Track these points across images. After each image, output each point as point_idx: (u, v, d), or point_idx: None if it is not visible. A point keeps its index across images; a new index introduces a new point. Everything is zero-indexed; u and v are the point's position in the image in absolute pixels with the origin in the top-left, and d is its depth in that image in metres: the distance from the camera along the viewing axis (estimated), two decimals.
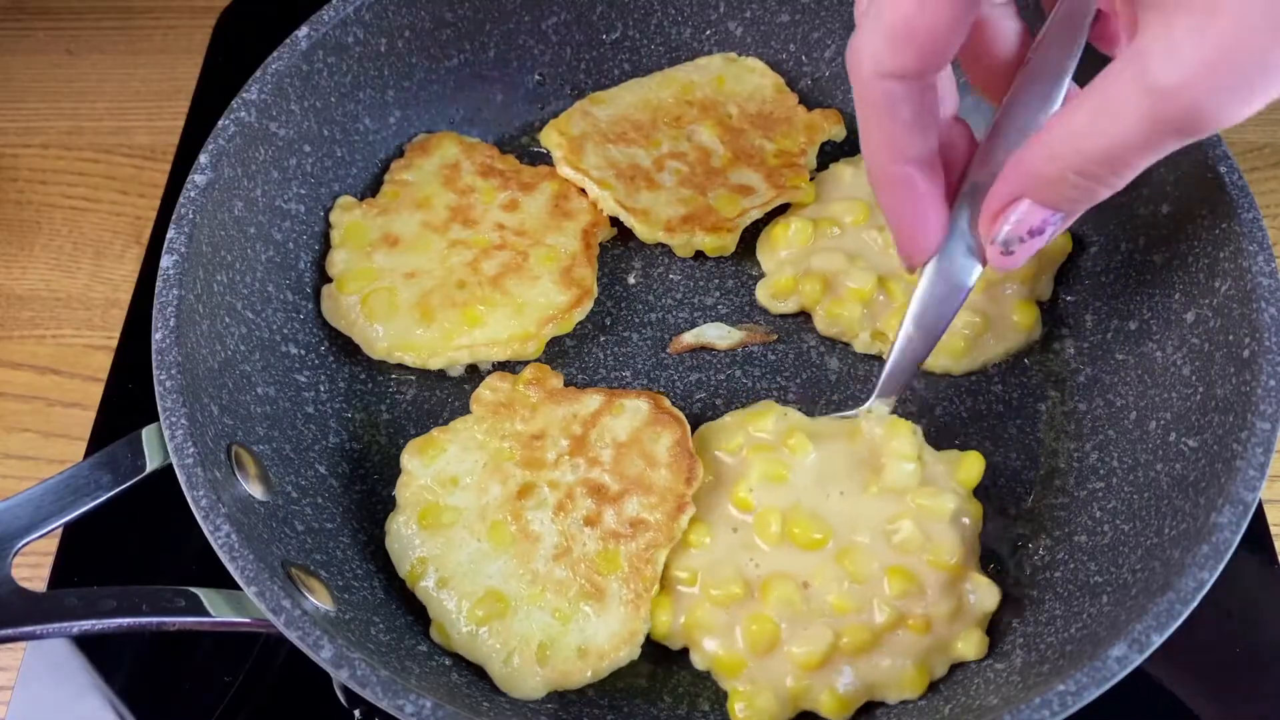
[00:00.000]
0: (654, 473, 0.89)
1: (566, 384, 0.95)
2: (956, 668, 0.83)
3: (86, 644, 0.94)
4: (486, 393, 0.93)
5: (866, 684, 0.81)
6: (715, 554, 0.86)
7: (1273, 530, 0.97)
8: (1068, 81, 0.78)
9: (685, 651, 0.85)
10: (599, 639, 0.83)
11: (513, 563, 0.85)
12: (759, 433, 0.90)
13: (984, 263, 0.80)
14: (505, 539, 0.86)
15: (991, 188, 0.75)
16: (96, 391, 1.08)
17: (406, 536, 0.87)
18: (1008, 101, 0.79)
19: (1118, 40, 0.79)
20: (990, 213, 0.75)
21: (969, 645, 0.83)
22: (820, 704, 0.81)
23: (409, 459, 0.90)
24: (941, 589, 0.83)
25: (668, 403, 0.93)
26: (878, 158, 0.77)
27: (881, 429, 0.88)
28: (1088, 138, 0.66)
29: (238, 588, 0.73)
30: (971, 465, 0.89)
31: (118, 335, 1.12)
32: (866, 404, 0.89)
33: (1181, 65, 0.60)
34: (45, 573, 0.97)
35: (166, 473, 0.78)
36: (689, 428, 0.91)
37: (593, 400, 0.92)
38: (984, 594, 0.84)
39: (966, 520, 0.86)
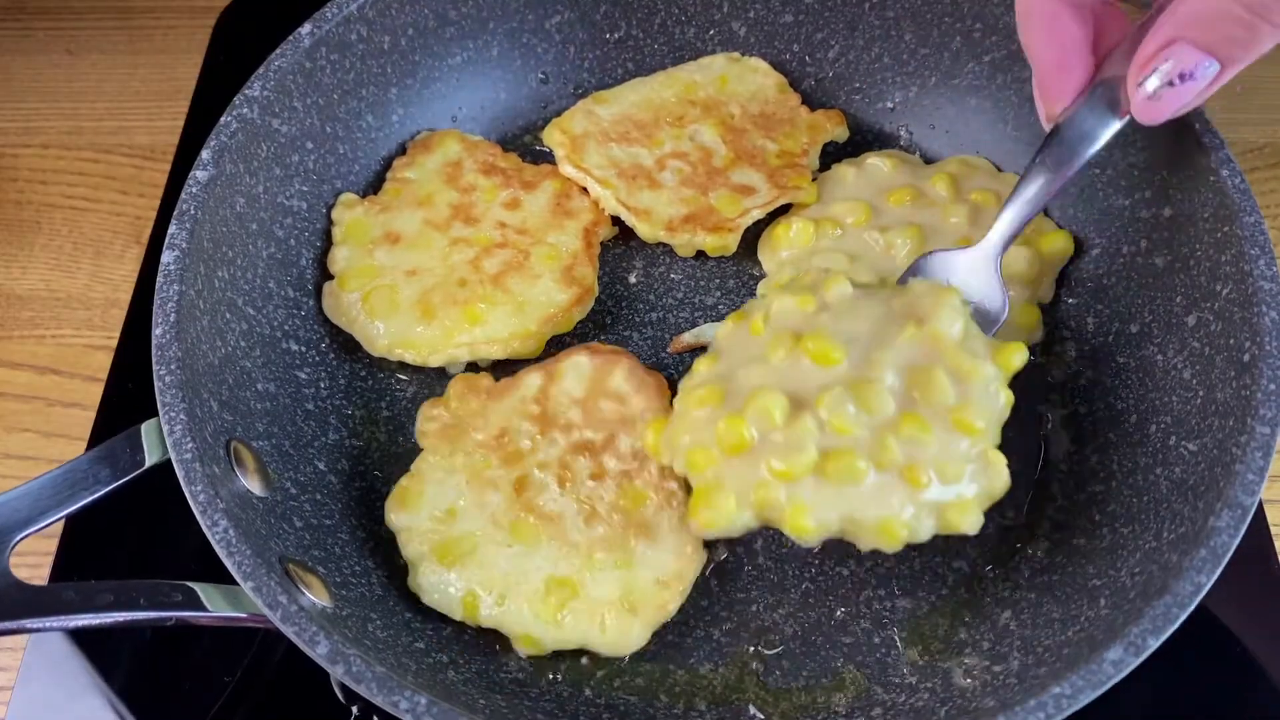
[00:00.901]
0: (627, 406, 0.91)
1: None
2: (948, 670, 0.84)
3: (86, 643, 0.94)
4: (427, 424, 0.92)
5: (841, 517, 0.78)
6: (715, 371, 0.85)
7: (1273, 530, 0.97)
8: None
9: (683, 651, 0.86)
10: (668, 565, 0.85)
11: (552, 546, 0.86)
12: (797, 281, 0.88)
13: (1123, 115, 0.80)
14: (531, 532, 0.86)
15: (1145, 38, 0.74)
16: (96, 391, 1.08)
17: (440, 582, 0.85)
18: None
19: None
20: (1142, 59, 0.74)
21: (964, 518, 0.78)
22: (785, 519, 0.78)
23: (396, 516, 0.88)
24: (955, 450, 0.78)
25: (600, 344, 0.95)
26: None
27: (930, 291, 0.84)
28: None
29: (235, 583, 0.73)
30: (1014, 352, 0.82)
31: (118, 335, 1.11)
32: (976, 245, 0.90)
33: None
34: (45, 573, 0.97)
35: (166, 468, 0.78)
36: (633, 354, 0.93)
37: (532, 379, 0.93)
38: (995, 474, 0.79)
39: (1000, 398, 0.81)
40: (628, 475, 0.88)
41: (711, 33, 1.12)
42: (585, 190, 1.03)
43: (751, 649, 0.86)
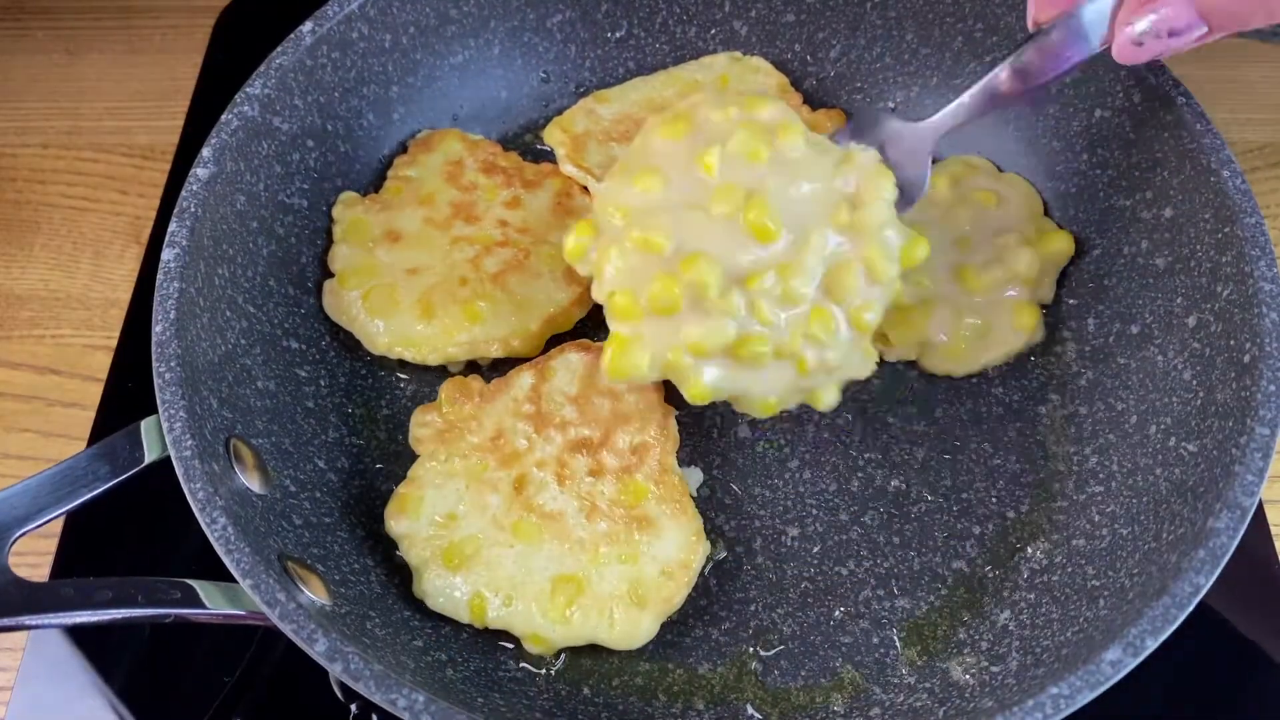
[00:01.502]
0: (622, 402, 0.91)
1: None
2: (947, 670, 0.84)
3: (86, 643, 0.94)
4: (422, 431, 0.92)
5: (733, 389, 0.84)
6: (656, 202, 0.84)
7: (1273, 530, 0.97)
8: None
9: (681, 650, 0.86)
10: (672, 555, 0.85)
11: (555, 545, 0.86)
12: (755, 113, 0.87)
13: (1101, 45, 0.80)
14: (533, 531, 0.86)
15: None
16: (96, 391, 1.08)
17: (446, 586, 0.85)
18: None
19: None
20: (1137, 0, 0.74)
21: (825, 396, 0.86)
22: (687, 384, 0.83)
23: (395, 524, 0.88)
24: (843, 343, 0.84)
25: (592, 342, 0.95)
26: None
27: (870, 172, 0.85)
28: None
29: (234, 581, 0.73)
30: (916, 245, 0.85)
31: (117, 335, 1.11)
32: (921, 122, 0.90)
33: None
34: (44, 573, 0.97)
35: (165, 466, 0.78)
36: None
37: (524, 378, 0.93)
38: (866, 364, 0.86)
39: (893, 293, 0.85)
40: (627, 470, 0.88)
41: (713, 32, 1.12)
42: (586, 189, 1.03)
43: (750, 649, 0.86)
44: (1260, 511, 0.97)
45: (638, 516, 0.86)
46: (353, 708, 0.88)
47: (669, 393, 0.90)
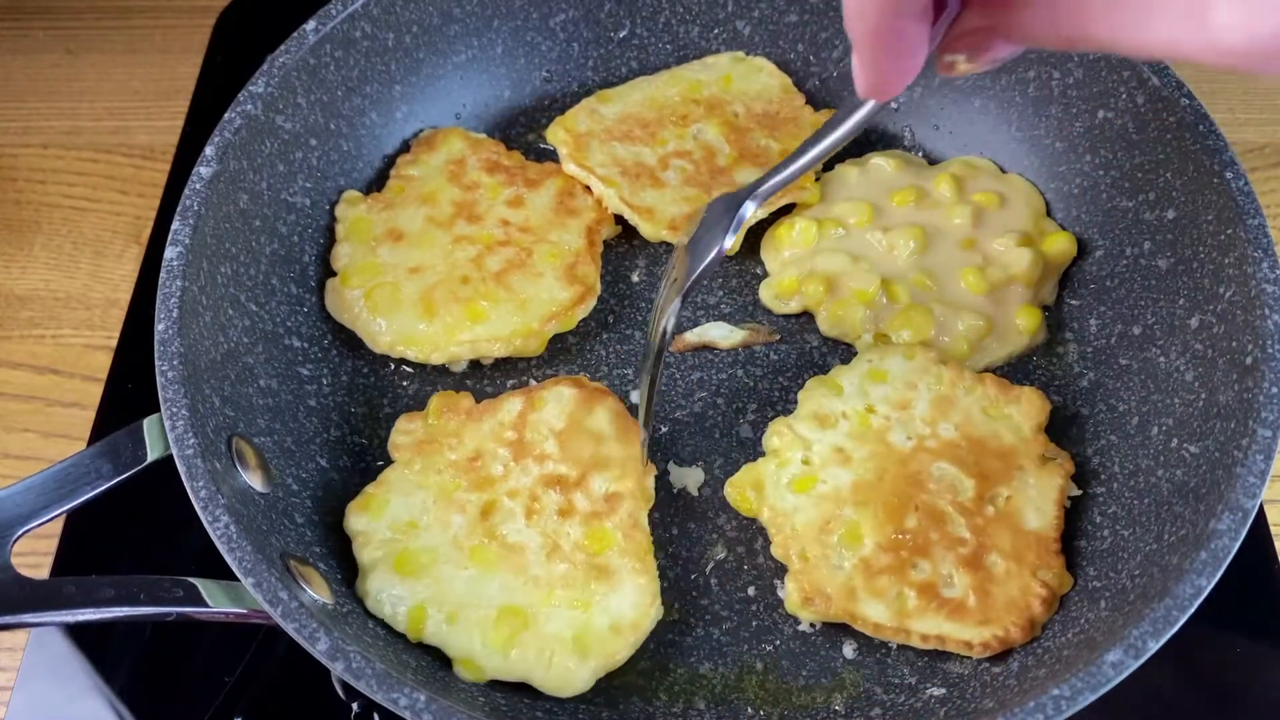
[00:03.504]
0: (604, 448, 0.90)
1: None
2: (948, 670, 0.83)
3: (86, 643, 0.94)
4: (401, 437, 0.92)
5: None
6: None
7: (1273, 530, 0.97)
8: None
9: (683, 650, 0.86)
10: (625, 612, 0.83)
11: (510, 576, 0.84)
12: None
13: None
14: (491, 559, 0.85)
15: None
16: (96, 391, 1.08)
17: (390, 593, 0.84)
18: None
19: None
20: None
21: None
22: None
23: (356, 520, 0.87)
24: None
25: (588, 380, 0.94)
26: (869, 14, 0.62)
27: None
28: None
29: (236, 579, 0.73)
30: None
31: (117, 335, 1.11)
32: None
33: None
34: (45, 573, 0.96)
35: (167, 464, 0.78)
36: (617, 397, 0.93)
37: (513, 404, 0.92)
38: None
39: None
40: (597, 516, 0.87)
41: (716, 32, 1.12)
42: (588, 189, 1.03)
43: (751, 648, 0.86)
44: (1260, 512, 0.97)
45: (598, 565, 0.85)
46: (354, 707, 0.88)
47: (651, 451, 0.91)
